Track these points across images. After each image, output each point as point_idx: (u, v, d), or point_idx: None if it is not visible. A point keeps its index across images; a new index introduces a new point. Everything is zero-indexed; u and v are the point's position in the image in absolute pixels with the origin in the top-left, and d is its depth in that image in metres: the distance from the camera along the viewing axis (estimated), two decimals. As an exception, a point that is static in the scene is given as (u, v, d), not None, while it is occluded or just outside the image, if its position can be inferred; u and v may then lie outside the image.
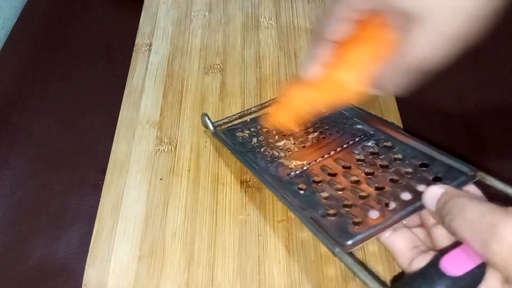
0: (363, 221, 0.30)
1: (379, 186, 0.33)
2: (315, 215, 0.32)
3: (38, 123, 0.49)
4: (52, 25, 0.60)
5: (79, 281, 0.37)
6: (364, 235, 0.29)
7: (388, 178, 0.33)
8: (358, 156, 0.36)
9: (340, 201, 0.33)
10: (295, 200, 0.33)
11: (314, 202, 0.33)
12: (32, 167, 0.46)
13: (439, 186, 0.28)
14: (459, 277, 0.24)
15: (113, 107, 0.48)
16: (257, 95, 0.48)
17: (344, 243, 0.29)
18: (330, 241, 0.29)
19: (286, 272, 0.36)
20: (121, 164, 0.43)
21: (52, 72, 0.54)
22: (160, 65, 0.51)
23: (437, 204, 0.27)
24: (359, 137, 0.38)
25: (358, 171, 0.35)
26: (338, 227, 0.30)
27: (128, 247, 0.38)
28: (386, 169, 0.34)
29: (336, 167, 0.36)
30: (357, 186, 0.34)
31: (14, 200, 0.43)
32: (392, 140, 0.37)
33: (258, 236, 0.38)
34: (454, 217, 0.24)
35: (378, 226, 0.29)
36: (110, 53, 0.55)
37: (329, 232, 0.30)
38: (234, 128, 0.43)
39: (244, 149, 0.40)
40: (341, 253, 0.28)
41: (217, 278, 0.36)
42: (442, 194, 0.27)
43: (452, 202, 0.25)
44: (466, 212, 0.24)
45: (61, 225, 0.41)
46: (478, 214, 0.23)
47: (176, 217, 0.40)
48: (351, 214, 0.31)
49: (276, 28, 0.54)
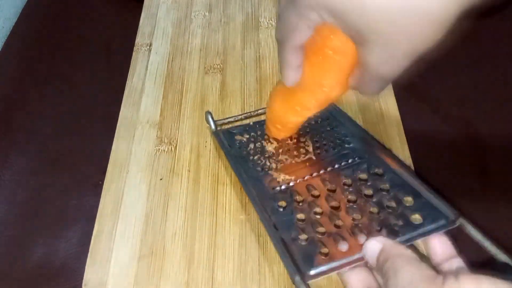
0: (330, 253, 0.30)
1: (356, 217, 0.33)
2: (286, 237, 0.31)
3: (38, 123, 0.49)
4: (52, 25, 0.60)
5: (79, 281, 0.37)
6: (328, 268, 0.29)
7: (369, 209, 0.33)
8: (346, 180, 0.36)
9: (315, 226, 0.32)
10: (272, 217, 0.33)
11: (290, 223, 0.33)
12: (32, 167, 0.46)
13: (377, 240, 0.28)
14: None
15: (113, 107, 0.48)
16: (257, 95, 0.48)
17: (306, 272, 0.29)
18: (292, 268, 0.29)
19: (286, 272, 0.36)
20: (121, 164, 0.43)
21: (52, 72, 0.54)
22: (160, 65, 0.51)
23: (376, 262, 0.27)
24: (352, 159, 0.38)
25: (341, 196, 0.34)
26: (305, 254, 0.30)
27: (128, 247, 0.38)
28: (369, 199, 0.34)
29: (321, 188, 0.35)
30: (335, 213, 0.33)
31: (14, 200, 0.43)
32: (384, 167, 0.36)
33: (258, 237, 0.38)
34: (390, 279, 0.25)
35: (343, 260, 0.29)
36: (110, 53, 0.55)
37: (295, 257, 0.30)
38: (234, 130, 0.43)
39: (239, 154, 0.40)
40: (300, 282, 0.28)
41: (217, 278, 0.36)
42: (380, 251, 0.27)
43: (389, 263, 0.25)
44: (400, 276, 0.24)
45: (61, 225, 0.41)
46: (410, 280, 0.23)
47: (176, 217, 0.40)
48: (321, 242, 0.31)
49: (276, 28, 0.54)
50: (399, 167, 0.35)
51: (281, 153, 0.39)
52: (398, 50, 0.26)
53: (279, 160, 0.39)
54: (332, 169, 0.37)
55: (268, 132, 0.40)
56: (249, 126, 0.43)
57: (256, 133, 0.42)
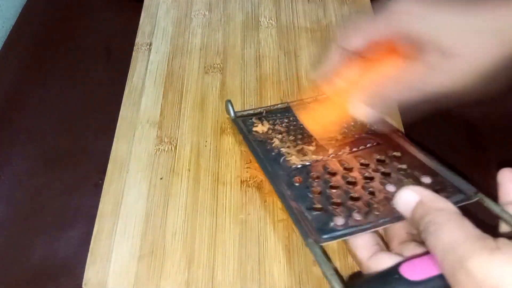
0: (345, 220, 0.31)
1: (373, 191, 0.33)
2: (301, 206, 0.32)
3: (38, 123, 0.49)
4: (52, 24, 0.60)
5: (79, 280, 0.37)
6: (340, 233, 0.30)
7: (385, 186, 0.34)
8: (363, 161, 0.37)
9: (330, 199, 0.33)
10: (288, 191, 0.34)
11: (305, 195, 0.34)
12: (32, 167, 0.46)
13: (412, 191, 0.26)
14: (416, 283, 0.24)
15: (113, 106, 0.48)
16: (257, 94, 0.48)
17: (319, 236, 0.29)
18: (305, 232, 0.30)
19: (286, 271, 0.36)
20: (121, 163, 0.43)
21: (52, 72, 0.54)
22: (160, 65, 0.51)
23: (412, 215, 0.26)
24: (369, 143, 0.39)
25: (358, 174, 0.35)
26: (319, 222, 0.31)
27: (128, 247, 0.38)
28: (387, 177, 0.35)
29: (337, 168, 0.36)
30: (351, 188, 0.34)
31: (14, 200, 0.43)
32: (401, 150, 0.37)
33: (258, 236, 0.38)
34: (430, 235, 0.23)
35: (357, 227, 0.30)
36: (110, 53, 0.55)
37: (308, 224, 0.30)
38: (252, 118, 0.43)
39: (257, 139, 0.41)
40: (312, 244, 0.28)
41: (217, 277, 0.36)
42: (418, 204, 0.25)
43: (429, 219, 0.24)
44: (442, 235, 0.23)
45: (61, 225, 0.41)
46: (453, 241, 0.22)
47: (176, 217, 0.39)
48: (335, 212, 0.32)
49: (276, 27, 0.54)
50: (416, 149, 0.36)
51: (298, 138, 0.40)
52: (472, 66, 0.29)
53: (296, 144, 0.39)
54: (349, 152, 0.38)
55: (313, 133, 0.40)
56: (264, 115, 0.44)
57: (274, 121, 0.43)
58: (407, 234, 0.30)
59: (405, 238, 0.30)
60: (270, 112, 0.44)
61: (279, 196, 0.34)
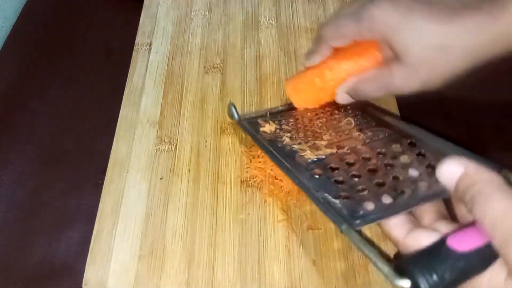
0: (375, 204, 0.30)
1: (396, 176, 0.33)
2: (327, 196, 0.32)
3: (38, 123, 0.49)
4: (52, 24, 0.60)
5: (80, 280, 0.37)
6: (374, 216, 0.29)
7: (407, 170, 0.33)
8: (379, 150, 0.36)
9: (354, 187, 0.33)
10: (309, 183, 0.34)
11: (328, 185, 0.33)
12: (32, 167, 0.46)
13: (457, 162, 0.26)
14: (465, 254, 0.24)
15: (113, 106, 0.48)
16: (257, 94, 0.48)
17: (353, 221, 0.29)
18: (339, 218, 0.29)
19: (286, 271, 0.36)
20: (121, 163, 0.43)
21: (52, 72, 0.54)
22: (160, 65, 0.51)
23: (457, 187, 0.25)
24: (382, 135, 0.38)
25: (377, 162, 0.35)
26: (349, 208, 0.30)
27: (129, 247, 0.38)
28: (407, 163, 0.34)
29: (355, 158, 0.36)
30: (373, 175, 0.34)
31: (14, 200, 0.43)
32: (415, 138, 0.37)
33: (258, 236, 0.38)
34: (477, 206, 0.23)
35: (390, 210, 0.30)
36: (110, 53, 0.55)
37: (338, 212, 0.30)
38: (257, 119, 0.43)
39: (266, 139, 0.40)
40: (348, 229, 0.28)
41: (217, 277, 0.36)
42: (463, 175, 0.25)
43: (476, 190, 0.24)
44: (491, 205, 0.23)
45: (61, 225, 0.41)
46: (503, 211, 0.22)
47: (176, 217, 0.40)
48: (363, 198, 0.31)
49: (276, 27, 0.54)
50: (430, 136, 0.36)
51: (308, 135, 0.40)
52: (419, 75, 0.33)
53: (307, 140, 0.39)
54: (363, 144, 0.38)
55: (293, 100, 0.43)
56: (268, 116, 0.43)
57: (280, 121, 0.42)
58: (436, 212, 0.30)
59: (435, 217, 0.30)
60: (274, 113, 0.44)
61: (302, 188, 0.34)
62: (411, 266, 0.25)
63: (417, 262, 0.25)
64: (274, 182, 0.41)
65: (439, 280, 0.24)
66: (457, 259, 0.24)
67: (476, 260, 0.24)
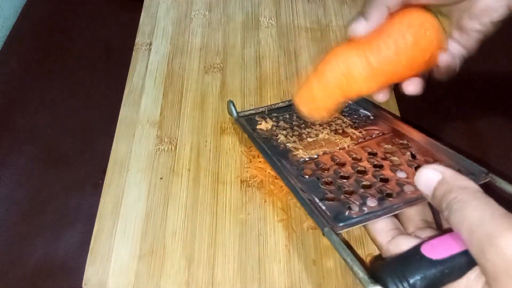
0: (359, 208, 0.31)
1: (384, 178, 0.33)
2: (313, 197, 0.32)
3: (38, 123, 0.49)
4: (52, 24, 0.60)
5: (80, 280, 0.37)
6: (357, 220, 0.30)
7: (396, 172, 0.34)
8: (371, 150, 0.37)
9: (342, 188, 0.33)
10: (299, 184, 0.34)
11: (316, 186, 0.34)
12: (32, 167, 0.46)
13: (434, 169, 0.26)
14: (438, 261, 0.24)
15: (113, 106, 0.48)
16: (257, 94, 0.48)
17: (335, 224, 0.29)
18: (321, 221, 0.30)
19: (286, 271, 0.36)
20: (121, 163, 0.43)
21: (52, 72, 0.54)
22: (160, 65, 0.51)
23: (434, 194, 0.25)
24: (375, 135, 0.39)
25: (367, 163, 0.35)
26: (334, 210, 0.31)
27: (129, 246, 0.38)
28: (396, 165, 0.35)
29: (346, 158, 0.37)
30: (361, 176, 0.34)
31: (14, 200, 0.43)
32: (407, 139, 0.37)
33: (258, 236, 0.38)
34: (453, 213, 0.23)
35: (373, 213, 0.30)
36: (110, 53, 0.55)
37: (323, 214, 0.30)
38: (254, 117, 0.44)
39: (261, 137, 0.41)
40: (329, 232, 0.28)
41: (217, 277, 0.36)
42: (440, 182, 0.25)
43: (453, 197, 0.24)
44: (467, 212, 0.23)
45: (62, 225, 0.41)
46: (479, 218, 0.22)
47: (176, 217, 0.40)
48: (349, 200, 0.32)
49: (276, 27, 0.54)
50: (422, 136, 0.36)
51: (303, 133, 0.40)
52: None
53: (302, 138, 0.40)
54: (356, 143, 0.38)
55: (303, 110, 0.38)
56: (266, 113, 0.44)
57: (277, 118, 0.43)
58: (422, 221, 0.30)
59: (420, 225, 0.30)
60: (272, 110, 0.44)
61: (290, 189, 0.34)
62: (384, 273, 0.25)
63: (390, 269, 0.25)
64: (274, 182, 0.41)
65: None
66: (430, 266, 0.24)
67: (450, 268, 0.24)
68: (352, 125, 0.40)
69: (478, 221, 0.22)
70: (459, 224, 0.23)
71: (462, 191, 0.24)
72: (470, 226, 0.22)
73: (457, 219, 0.23)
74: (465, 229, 0.22)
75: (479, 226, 0.22)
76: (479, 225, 0.22)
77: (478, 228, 0.22)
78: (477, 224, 0.22)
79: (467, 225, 0.22)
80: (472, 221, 0.22)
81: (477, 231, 0.22)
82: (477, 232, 0.22)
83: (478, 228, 0.22)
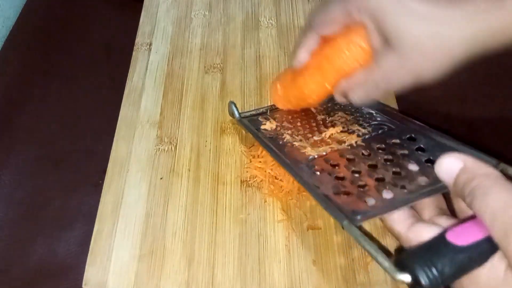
0: (376, 200, 0.30)
1: (397, 171, 0.33)
2: (328, 192, 0.32)
3: (38, 123, 0.49)
4: (52, 24, 0.60)
5: (80, 280, 0.37)
6: (374, 212, 0.29)
7: (407, 165, 0.33)
8: (379, 145, 0.36)
9: (355, 182, 0.33)
10: (310, 180, 0.34)
11: (329, 182, 0.33)
12: (32, 167, 0.46)
13: (455, 157, 0.26)
14: (464, 248, 0.24)
15: (113, 106, 0.48)
16: (257, 94, 0.48)
17: (353, 218, 0.29)
18: (340, 215, 0.29)
19: (286, 271, 0.36)
20: (121, 163, 0.43)
21: (52, 72, 0.54)
22: (160, 65, 0.51)
23: (456, 181, 0.25)
24: (382, 130, 0.38)
25: (377, 158, 0.35)
26: (350, 204, 0.30)
27: (129, 246, 0.38)
28: (407, 158, 0.34)
29: (355, 154, 0.36)
30: (374, 170, 0.34)
31: (14, 200, 0.43)
32: (415, 133, 0.37)
33: (258, 236, 0.38)
34: (476, 200, 0.23)
35: (388, 205, 0.30)
36: (110, 53, 0.55)
37: (339, 208, 0.30)
38: (259, 117, 0.43)
39: (267, 137, 0.40)
40: (349, 225, 0.28)
41: (217, 277, 0.36)
42: (462, 170, 0.25)
43: (475, 184, 0.24)
44: (491, 198, 0.23)
45: (62, 225, 0.41)
46: (503, 203, 0.22)
47: (176, 217, 0.40)
48: (363, 193, 0.31)
49: (276, 27, 0.54)
50: (429, 130, 0.36)
51: (307, 132, 0.40)
52: (411, 64, 0.30)
53: (308, 137, 0.39)
54: (363, 139, 0.38)
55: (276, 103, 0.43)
56: (268, 114, 0.44)
57: (280, 118, 0.43)
58: (436, 208, 0.30)
59: (435, 213, 0.30)
60: (274, 110, 0.44)
61: (303, 185, 0.34)
62: (411, 261, 0.25)
63: (417, 257, 0.25)
64: (274, 182, 0.41)
65: (438, 274, 0.24)
66: (456, 253, 0.24)
67: (475, 254, 0.24)
68: (357, 122, 0.40)
69: (501, 207, 0.22)
70: (482, 210, 0.23)
71: (485, 178, 0.24)
72: (494, 211, 0.23)
73: (480, 205, 0.23)
74: (488, 215, 0.23)
75: (503, 211, 0.22)
76: (503, 210, 0.22)
77: (502, 213, 0.22)
78: (501, 209, 0.22)
79: (491, 210, 0.23)
80: (496, 206, 0.23)
81: (501, 216, 0.22)
82: (501, 217, 0.22)
83: (502, 213, 0.22)
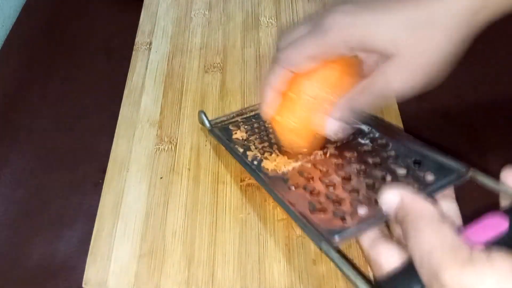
0: (352, 217, 0.30)
1: (370, 183, 0.33)
2: (304, 210, 0.31)
3: (38, 122, 0.49)
4: (52, 24, 0.60)
5: (80, 280, 0.37)
6: (352, 231, 0.29)
7: (380, 176, 0.33)
8: (351, 154, 0.36)
9: (330, 197, 0.32)
10: (285, 196, 0.33)
11: (304, 198, 0.33)
12: (32, 166, 0.46)
13: (394, 192, 0.26)
14: None
15: (113, 106, 0.48)
16: (257, 93, 0.48)
17: (332, 238, 0.28)
18: (317, 236, 0.29)
19: (286, 271, 0.36)
20: (121, 163, 0.43)
21: (52, 71, 0.54)
22: (160, 64, 0.51)
23: (396, 216, 0.25)
24: (353, 135, 0.38)
25: (350, 168, 0.35)
26: (327, 222, 0.30)
27: (129, 246, 0.38)
28: (379, 167, 0.34)
29: (328, 164, 0.36)
30: (348, 183, 0.33)
31: (14, 200, 0.43)
32: (386, 139, 0.36)
33: (258, 235, 0.38)
34: (409, 239, 0.23)
35: (366, 223, 0.29)
36: (110, 52, 0.55)
37: (317, 227, 0.29)
38: (230, 126, 0.42)
39: (239, 147, 0.40)
40: (327, 247, 0.28)
41: (217, 276, 0.36)
42: (398, 206, 0.25)
43: (408, 221, 0.24)
44: (420, 240, 0.22)
45: (62, 224, 0.41)
46: (429, 249, 0.21)
47: (176, 216, 0.40)
48: (340, 210, 0.31)
49: (276, 27, 0.54)
50: (400, 135, 0.36)
51: None
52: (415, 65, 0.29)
53: (280, 146, 0.38)
54: (334, 147, 0.37)
55: None
56: (242, 122, 0.43)
57: (252, 126, 0.42)
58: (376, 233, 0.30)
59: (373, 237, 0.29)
60: (245, 116, 0.43)
61: (278, 202, 0.33)
62: (391, 286, 0.25)
63: (397, 282, 0.25)
64: (274, 182, 0.41)
65: None
66: None
67: None
68: None
69: (428, 251, 0.21)
70: (413, 251, 0.22)
71: (418, 217, 0.23)
72: (421, 256, 0.22)
73: (411, 245, 0.23)
74: (417, 257, 0.22)
75: (428, 257, 0.21)
76: (428, 255, 0.21)
77: (427, 259, 0.21)
78: (427, 254, 0.21)
79: (419, 254, 0.22)
80: (423, 249, 0.22)
81: (426, 262, 0.21)
82: (426, 263, 0.21)
83: (427, 259, 0.21)
